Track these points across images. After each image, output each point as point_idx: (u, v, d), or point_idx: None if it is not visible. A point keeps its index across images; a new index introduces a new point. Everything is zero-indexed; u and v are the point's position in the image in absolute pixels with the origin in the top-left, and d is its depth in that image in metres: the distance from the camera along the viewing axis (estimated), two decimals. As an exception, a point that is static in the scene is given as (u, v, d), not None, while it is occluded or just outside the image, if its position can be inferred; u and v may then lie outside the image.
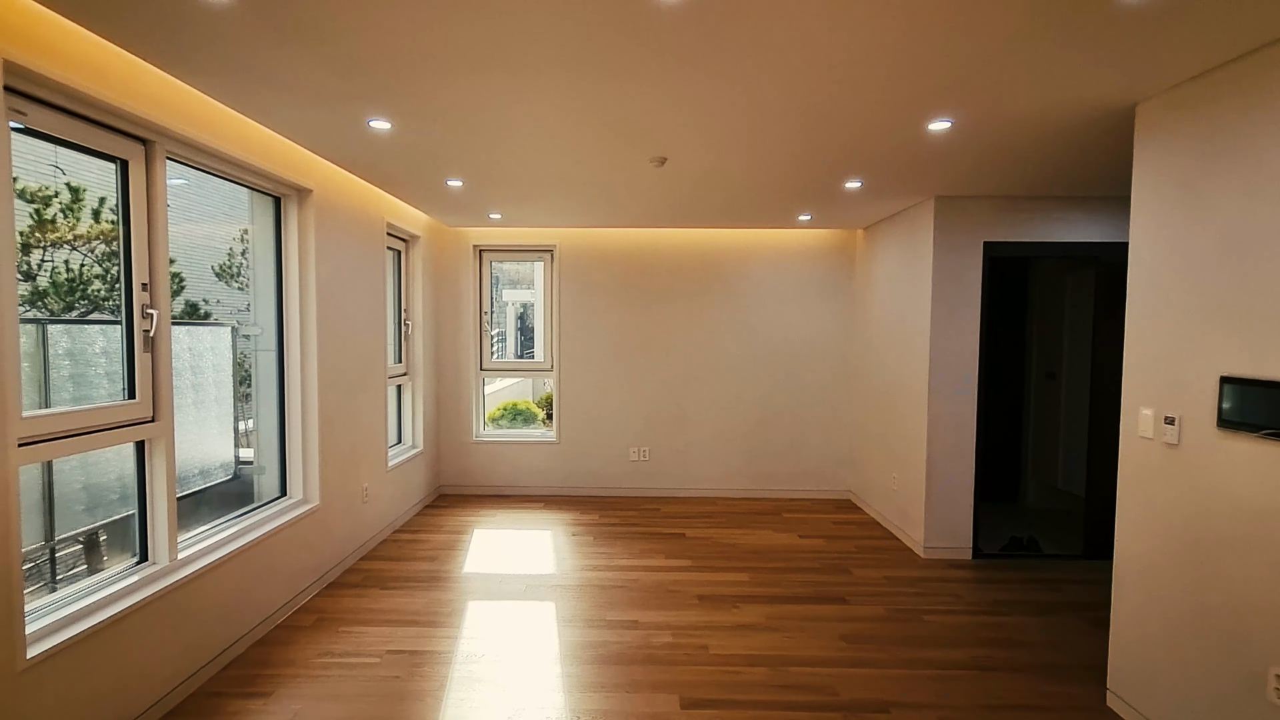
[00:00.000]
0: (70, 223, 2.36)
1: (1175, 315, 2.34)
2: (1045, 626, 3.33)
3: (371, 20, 1.93)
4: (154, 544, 2.60)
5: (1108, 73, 2.24)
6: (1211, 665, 2.17)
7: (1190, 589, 2.26)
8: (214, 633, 2.79)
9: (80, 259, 2.42)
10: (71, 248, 2.37)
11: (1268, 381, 1.97)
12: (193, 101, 2.57)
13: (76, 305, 2.46)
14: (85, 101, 2.15)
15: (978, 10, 1.82)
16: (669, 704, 2.60)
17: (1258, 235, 2.02)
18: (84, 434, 2.25)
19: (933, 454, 4.32)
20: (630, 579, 3.89)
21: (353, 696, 2.63)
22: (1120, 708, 2.57)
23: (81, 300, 2.48)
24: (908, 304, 4.61)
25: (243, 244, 3.48)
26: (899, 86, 2.39)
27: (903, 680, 2.79)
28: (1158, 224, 2.43)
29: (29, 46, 1.90)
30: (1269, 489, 1.98)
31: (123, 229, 2.46)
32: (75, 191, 2.33)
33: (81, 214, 2.39)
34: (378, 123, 2.88)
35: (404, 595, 3.63)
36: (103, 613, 2.24)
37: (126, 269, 2.47)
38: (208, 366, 3.34)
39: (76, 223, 2.38)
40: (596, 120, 2.81)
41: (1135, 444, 2.53)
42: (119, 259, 2.47)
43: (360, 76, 2.36)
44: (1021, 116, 2.68)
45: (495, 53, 2.15)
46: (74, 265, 2.40)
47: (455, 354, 5.82)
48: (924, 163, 3.42)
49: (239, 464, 3.64)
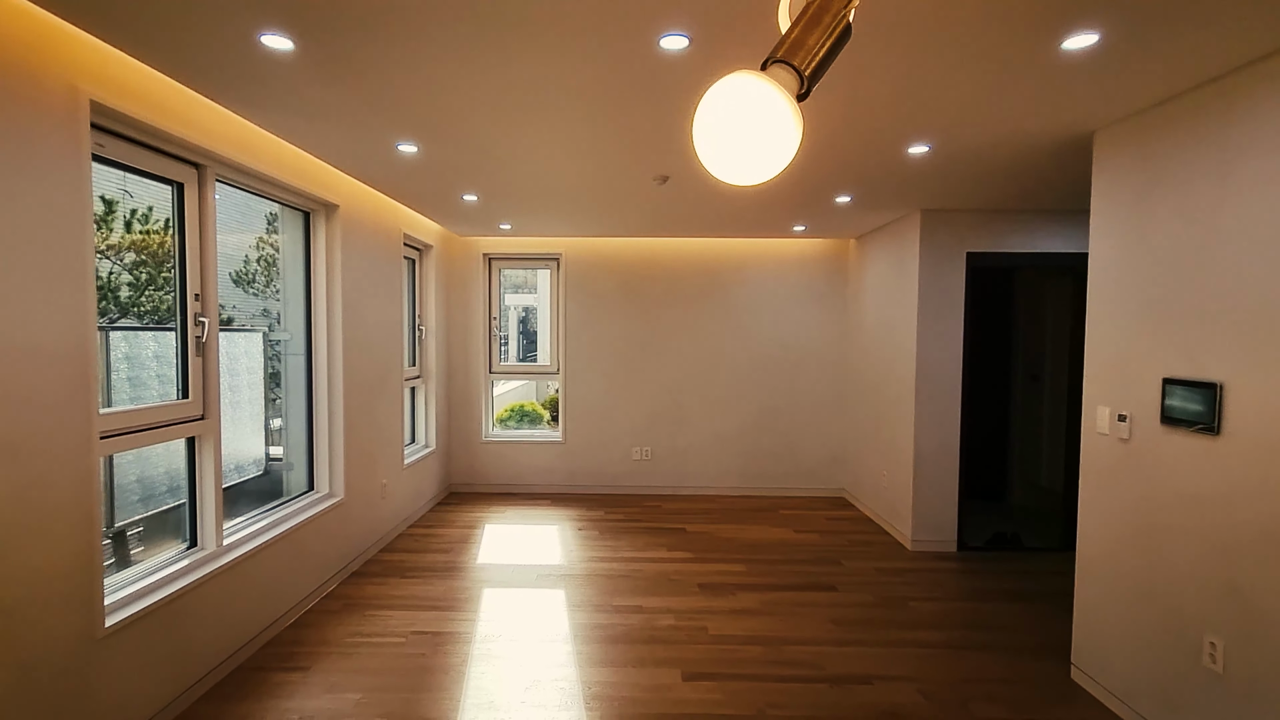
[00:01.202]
0: (133, 239, 2.62)
1: (1126, 322, 2.60)
2: (1020, 612, 3.58)
3: (410, 66, 2.20)
4: (202, 531, 2.85)
5: (1065, 106, 2.50)
6: (1157, 637, 2.43)
7: (1139, 571, 2.51)
8: (254, 613, 3.04)
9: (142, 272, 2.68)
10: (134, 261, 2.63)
11: (1199, 382, 2.23)
12: (237, 128, 2.84)
13: (137, 314, 2.72)
14: (151, 132, 2.42)
15: (946, 58, 2.09)
16: (672, 677, 2.85)
17: (1187, 254, 2.29)
18: (147, 430, 2.50)
19: (920, 453, 4.57)
20: (634, 569, 4.15)
21: (383, 671, 2.88)
22: (1082, 680, 2.82)
23: (142, 309, 2.73)
24: (896, 311, 4.88)
25: (257, 251, 3.72)
26: (882, 118, 2.65)
27: (885, 658, 3.05)
28: (1111, 240, 2.69)
29: (109, 87, 2.17)
30: (1195, 477, 2.24)
31: (178, 245, 2.72)
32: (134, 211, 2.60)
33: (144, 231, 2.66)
34: (405, 146, 3.14)
35: (423, 583, 3.88)
36: (162, 591, 2.49)
37: (181, 280, 2.73)
38: (242, 370, 3.60)
39: (139, 239, 2.64)
40: (604, 144, 3.07)
41: (1094, 440, 2.79)
42: (174, 272, 2.73)
43: (396, 110, 2.63)
44: (992, 141, 2.95)
45: (515, 91, 2.41)
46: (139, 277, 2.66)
47: (465, 357, 6.08)
48: (907, 180, 3.69)
49: (269, 460, 3.90)
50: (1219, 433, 2.17)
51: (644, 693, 2.73)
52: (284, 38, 1.99)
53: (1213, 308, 2.20)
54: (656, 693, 2.73)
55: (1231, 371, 2.13)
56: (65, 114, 2.02)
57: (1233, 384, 2.13)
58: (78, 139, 2.06)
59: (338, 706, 2.61)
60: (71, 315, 2.05)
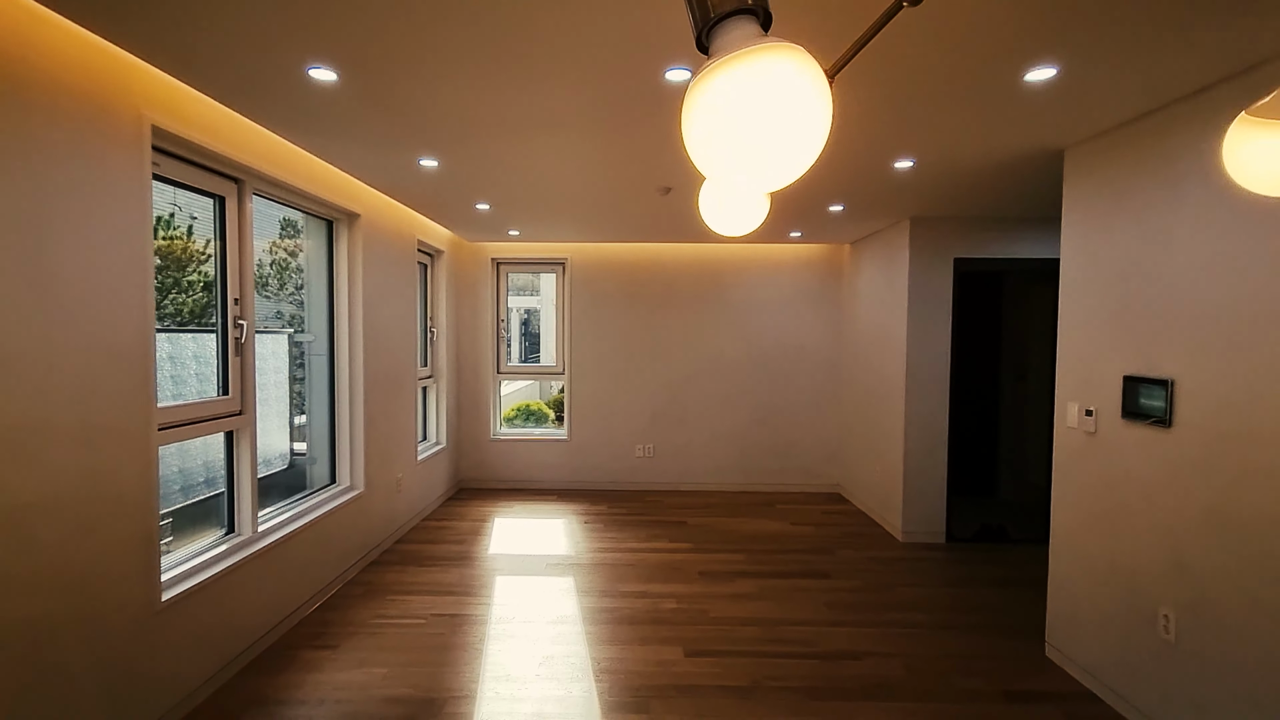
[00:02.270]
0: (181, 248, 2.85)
1: (1093, 325, 2.83)
2: (1002, 597, 3.81)
3: (437, 92, 2.43)
4: (240, 518, 3.08)
5: (1035, 127, 2.74)
6: (1119, 612, 2.65)
7: (1104, 552, 2.74)
8: (286, 595, 3.27)
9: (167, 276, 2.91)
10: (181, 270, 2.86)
11: (1154, 379, 2.46)
12: (273, 145, 3.07)
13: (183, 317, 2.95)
14: (200, 151, 2.65)
15: (924, 84, 2.32)
16: (674, 654, 3.08)
17: (1144, 266, 2.52)
18: (195, 423, 2.73)
19: (909, 449, 4.80)
20: (638, 559, 4.37)
21: (406, 648, 3.11)
22: (1055, 656, 3.05)
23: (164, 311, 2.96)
24: (887, 314, 5.11)
25: (270, 255, 3.92)
26: (869, 135, 2.89)
27: (873, 637, 3.27)
28: (1079, 251, 2.92)
29: (167, 111, 2.40)
30: (1150, 466, 2.47)
31: (218, 253, 2.95)
32: (159, 219, 2.83)
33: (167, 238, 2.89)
34: (426, 161, 3.37)
35: (439, 571, 4.11)
36: (207, 571, 2.72)
37: (222, 286, 2.96)
38: (269, 369, 3.83)
39: (162, 244, 2.87)
40: (611, 159, 3.30)
41: (1065, 433, 3.02)
42: (215, 278, 2.96)
43: (421, 130, 2.86)
44: (971, 156, 3.18)
45: (530, 113, 2.64)
46: (164, 281, 2.89)
47: (474, 358, 6.32)
48: (895, 191, 3.92)
49: (293, 455, 4.13)
50: (1171, 425, 2.40)
51: (649, 667, 2.96)
52: (329, 70, 2.22)
53: (1166, 313, 2.43)
54: (661, 667, 2.96)
55: (1181, 369, 2.36)
56: (132, 138, 2.25)
57: (1183, 380, 2.36)
58: (141, 160, 2.29)
59: (368, 679, 2.83)
60: (136, 318, 2.28)
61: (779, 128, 0.47)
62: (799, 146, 0.48)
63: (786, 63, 0.44)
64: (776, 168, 0.52)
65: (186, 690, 2.54)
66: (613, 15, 1.86)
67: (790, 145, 0.48)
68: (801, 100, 0.45)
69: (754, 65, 0.44)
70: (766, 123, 0.46)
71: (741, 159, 0.48)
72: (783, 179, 0.57)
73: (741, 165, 0.51)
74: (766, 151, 0.48)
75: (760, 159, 0.50)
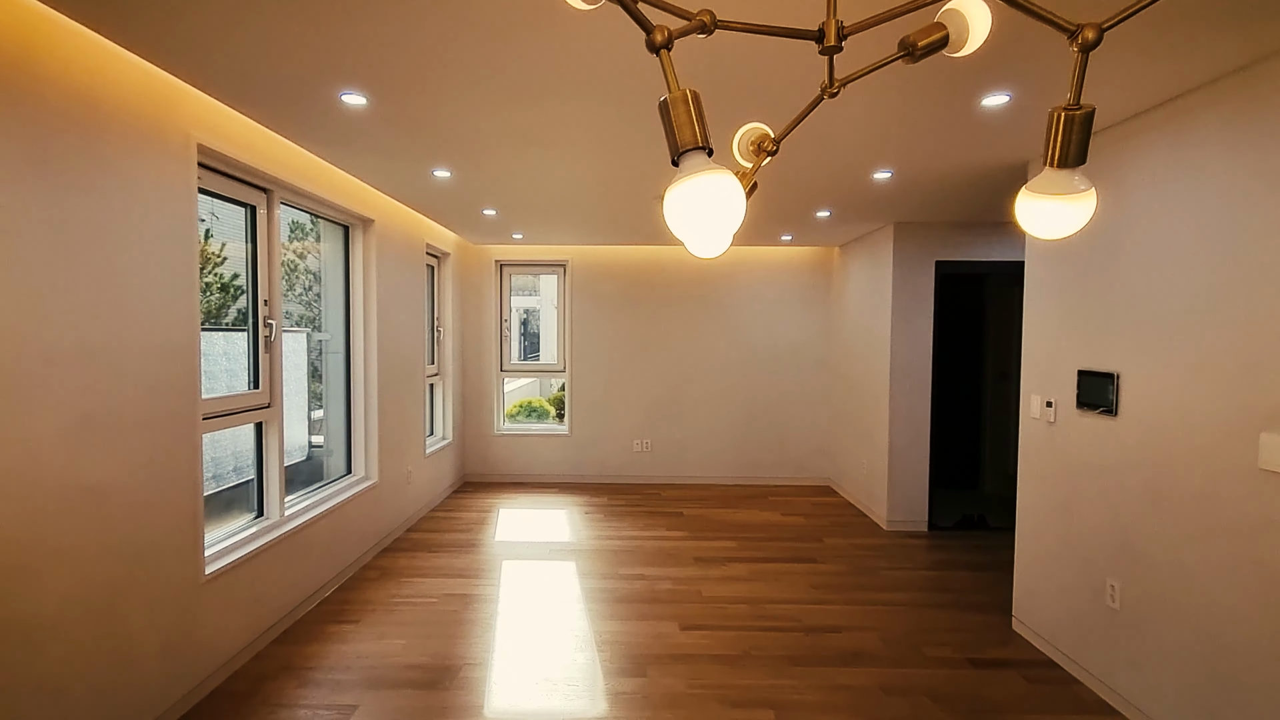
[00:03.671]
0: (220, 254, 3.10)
1: (1053, 322, 3.10)
2: (977, 579, 4.08)
3: (454, 112, 2.68)
4: (269, 503, 3.33)
5: (998, 143, 3.00)
6: (1074, 584, 2.92)
7: (1061, 531, 3.01)
8: (309, 575, 3.52)
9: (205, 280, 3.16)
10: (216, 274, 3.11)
11: (1102, 373, 2.73)
12: (297, 157, 3.32)
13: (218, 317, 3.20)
14: (237, 165, 2.90)
15: (895, 105, 2.59)
16: (671, 628, 3.34)
17: (1095, 269, 2.79)
18: (232, 414, 2.98)
19: (894, 443, 5.07)
20: (636, 546, 4.63)
21: (422, 623, 3.36)
22: (1020, 628, 3.31)
23: (207, 313, 3.22)
24: (873, 314, 5.37)
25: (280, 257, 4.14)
26: (851, 149, 3.15)
27: (854, 614, 3.54)
28: (1040, 256, 3.19)
29: (210, 130, 2.65)
30: (1099, 451, 2.74)
31: (249, 258, 3.20)
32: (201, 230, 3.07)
33: (206, 246, 3.14)
34: (439, 171, 3.63)
35: (449, 556, 4.36)
36: (242, 550, 2.97)
37: (253, 288, 3.21)
38: (289, 365, 4.07)
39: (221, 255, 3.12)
40: (612, 170, 3.56)
41: (1029, 424, 3.28)
42: (247, 281, 3.21)
43: (438, 145, 3.11)
44: (944, 168, 3.44)
45: (538, 128, 2.90)
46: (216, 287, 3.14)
47: (479, 356, 6.57)
48: (877, 199, 4.18)
49: (310, 447, 4.38)
50: (1116, 414, 2.67)
51: (647, 639, 3.21)
52: (360, 95, 2.47)
53: (1113, 312, 2.70)
54: (658, 639, 3.22)
55: (1124, 364, 2.63)
56: (182, 156, 2.50)
57: (1126, 374, 2.63)
58: (189, 176, 2.55)
59: (388, 649, 3.09)
60: (185, 319, 2.53)
61: (714, 214, 0.80)
62: (725, 224, 0.81)
63: (721, 178, 0.77)
64: (714, 237, 1.05)
65: (227, 655, 2.79)
66: (615, 47, 2.12)
67: (720, 224, 0.81)
68: (727, 200, 0.78)
69: (702, 179, 0.77)
70: (708, 211, 0.79)
71: (696, 229, 0.83)
72: (719, 245, 1.08)
73: (696, 233, 0.93)
74: (708, 226, 0.82)
75: (705, 230, 0.87)
